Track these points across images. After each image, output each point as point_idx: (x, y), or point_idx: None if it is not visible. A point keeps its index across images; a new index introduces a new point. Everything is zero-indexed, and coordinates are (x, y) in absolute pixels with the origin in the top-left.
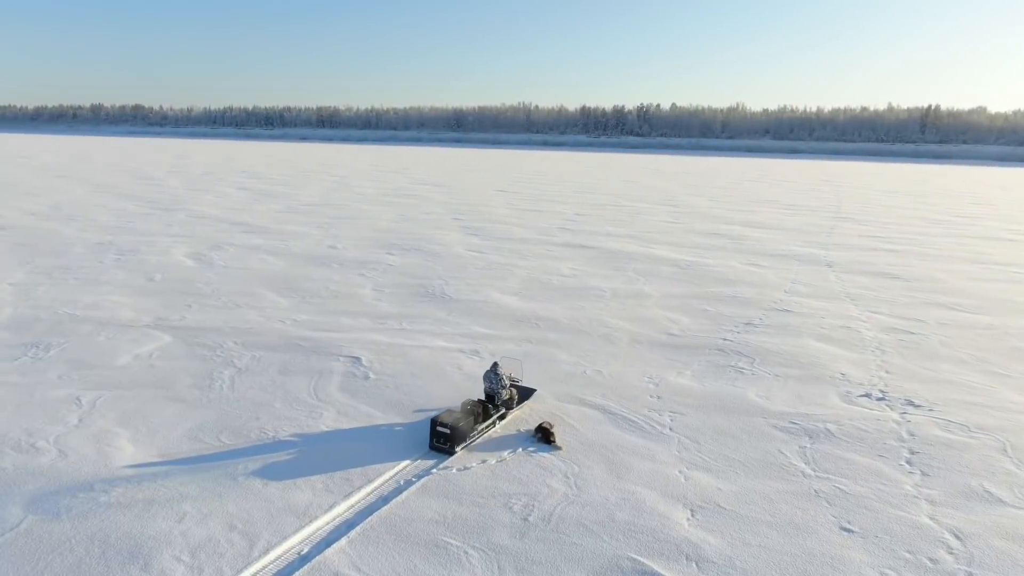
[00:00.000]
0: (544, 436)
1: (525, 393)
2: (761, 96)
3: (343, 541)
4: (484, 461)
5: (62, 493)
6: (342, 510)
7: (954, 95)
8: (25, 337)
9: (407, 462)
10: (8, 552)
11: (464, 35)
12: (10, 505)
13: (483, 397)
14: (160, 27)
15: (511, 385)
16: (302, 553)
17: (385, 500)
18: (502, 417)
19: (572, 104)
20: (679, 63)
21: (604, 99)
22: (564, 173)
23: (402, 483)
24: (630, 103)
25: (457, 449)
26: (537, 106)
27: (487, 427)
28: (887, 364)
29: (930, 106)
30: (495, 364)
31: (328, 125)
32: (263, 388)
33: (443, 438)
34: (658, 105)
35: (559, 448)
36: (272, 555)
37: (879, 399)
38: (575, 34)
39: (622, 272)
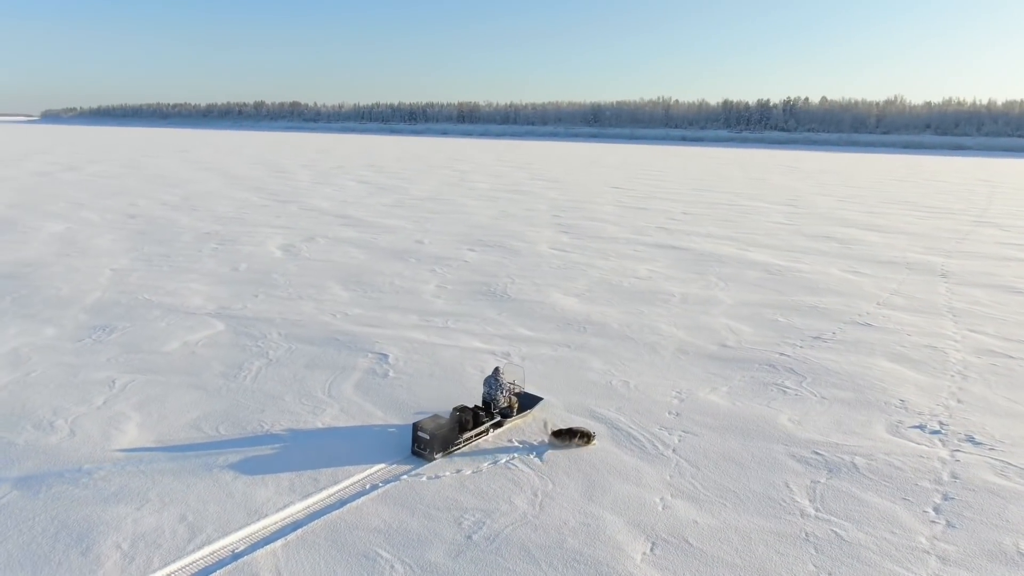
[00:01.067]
0: (567, 437)
1: (530, 401)
2: (923, 88)
3: (279, 543)
4: (459, 471)
5: (52, 472)
6: (296, 510)
7: None
8: (98, 320)
9: (382, 466)
10: None
11: (602, 30)
12: (1, 480)
13: (480, 403)
14: (316, 28)
15: (519, 392)
16: (236, 551)
17: (341, 504)
18: (498, 425)
19: (714, 98)
20: (829, 53)
21: (748, 92)
22: (690, 169)
23: (367, 487)
24: (775, 96)
25: (436, 456)
26: (677, 100)
27: (477, 435)
28: (962, 392)
29: None
30: (496, 369)
31: (468, 120)
32: (283, 381)
33: (422, 444)
34: (806, 98)
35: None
36: (205, 551)
37: (933, 432)
38: (717, 26)
39: (702, 276)
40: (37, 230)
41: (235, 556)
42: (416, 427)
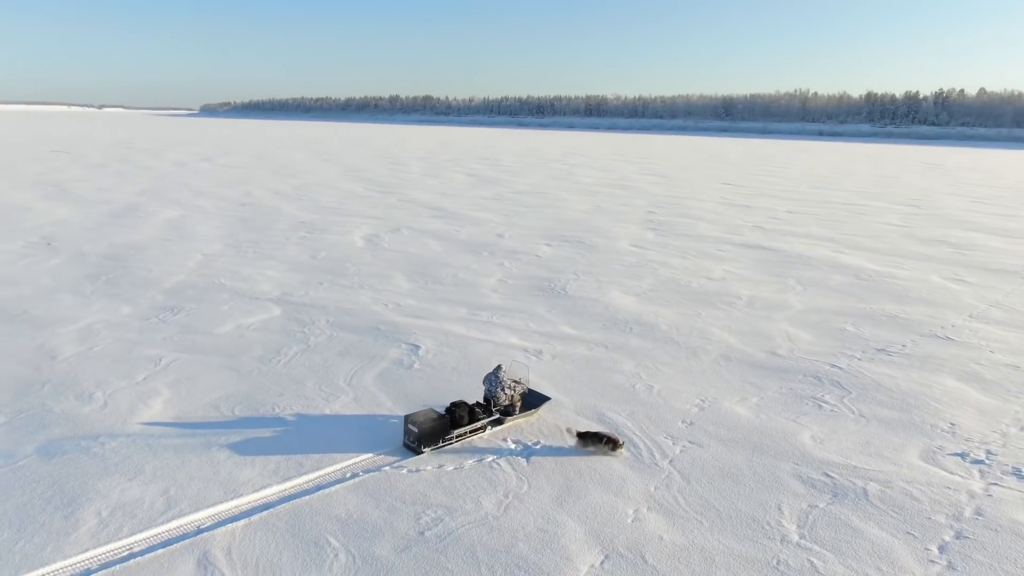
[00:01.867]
0: (592, 441)
1: (536, 400)
2: None
3: (241, 523)
4: (441, 466)
5: (71, 440)
6: (269, 493)
7: None
8: (171, 301)
9: (369, 456)
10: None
11: (735, 18)
12: (28, 443)
13: (481, 400)
14: (448, 21)
15: (525, 391)
16: (200, 527)
17: (315, 490)
18: (498, 423)
19: (856, 90)
20: (990, 41)
21: (894, 84)
22: (815, 166)
23: (346, 475)
24: (925, 88)
25: (424, 450)
26: (815, 93)
27: (473, 431)
28: None
29: None
30: (498, 367)
31: (595, 114)
32: (311, 367)
33: (411, 436)
34: (961, 90)
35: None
36: (172, 524)
37: (975, 462)
38: (859, 15)
39: (781, 279)
40: (153, 215)
41: (198, 531)
42: (407, 419)
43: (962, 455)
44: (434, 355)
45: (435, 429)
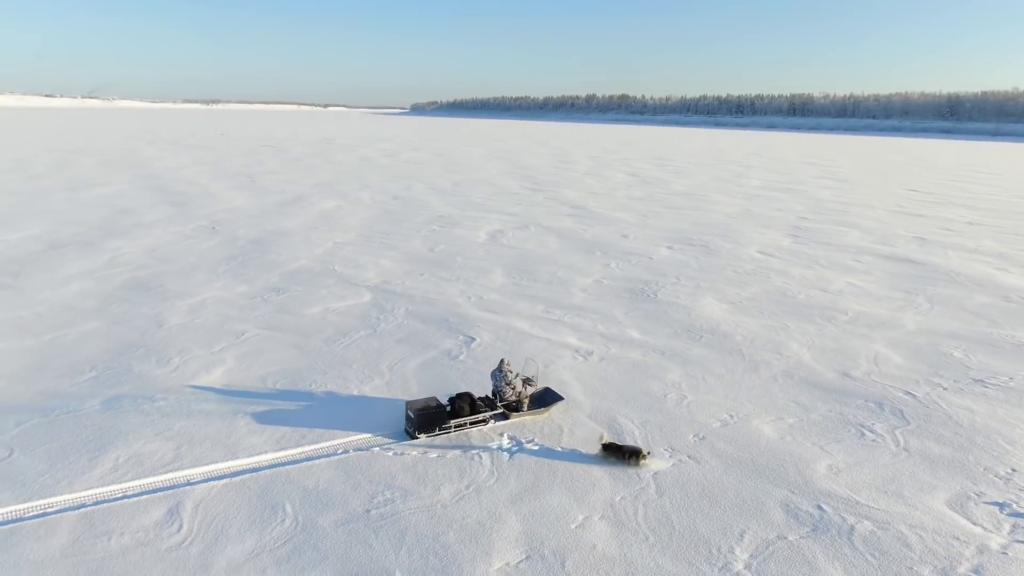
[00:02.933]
0: (616, 453)
1: (548, 400)
2: None
3: (223, 482)
4: (425, 452)
5: (132, 396)
6: (262, 459)
7: None
8: (282, 283)
9: (367, 436)
10: (61, 421)
11: (962, 5)
12: (98, 395)
13: (490, 394)
14: (646, 16)
15: (538, 390)
16: (189, 481)
17: (302, 461)
18: (504, 417)
19: None
20: None
21: None
22: None
23: (337, 451)
24: None
25: (419, 435)
26: None
27: (473, 423)
28: None
29: None
30: (501, 362)
31: (799, 113)
32: (366, 351)
33: (408, 422)
34: None
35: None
36: (167, 476)
37: (1014, 515)
38: None
39: (908, 296)
40: (312, 206)
41: (187, 484)
42: (407, 406)
43: (1001, 505)
44: (484, 349)
45: (431, 417)
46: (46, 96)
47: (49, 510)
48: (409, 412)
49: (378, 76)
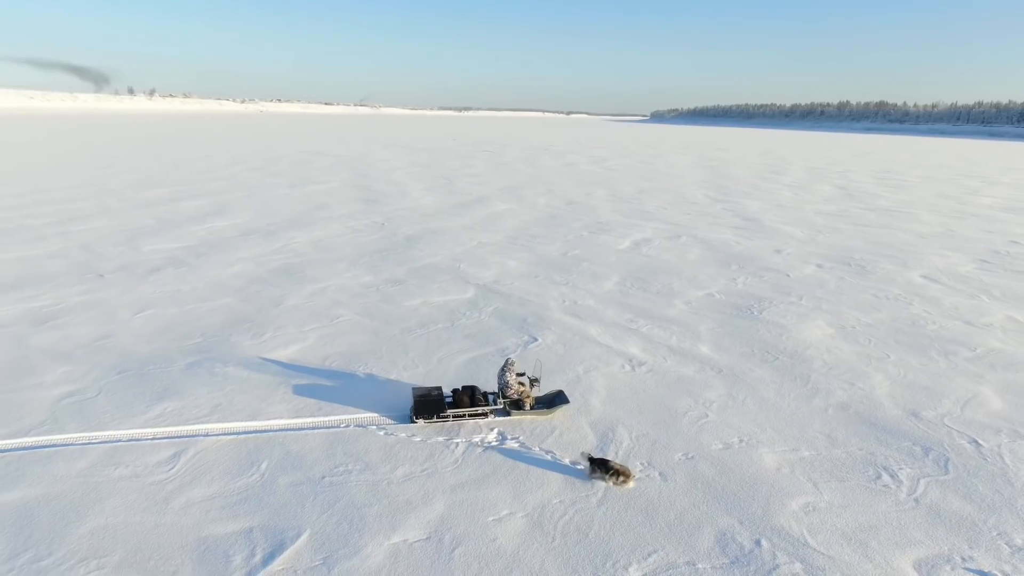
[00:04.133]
0: (600, 469)
1: (554, 402)
2: None
3: (228, 438)
4: (412, 435)
5: (215, 359)
6: (272, 424)
7: None
8: (405, 276)
9: (374, 415)
10: (148, 374)
11: None
12: (190, 358)
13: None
14: (911, 12)
15: (543, 395)
16: (207, 433)
17: (302, 429)
18: (505, 414)
19: None
20: None
21: None
22: None
23: (338, 425)
24: None
25: (417, 420)
26: None
27: (473, 415)
28: None
29: None
30: (506, 361)
31: None
32: (428, 342)
33: (411, 406)
34: None
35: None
36: (191, 427)
37: None
38: None
39: None
40: (487, 208)
41: (205, 436)
42: (413, 391)
43: (981, 575)
44: (539, 349)
45: (429, 404)
46: (325, 104)
47: (91, 441)
48: (413, 397)
49: (619, 83)
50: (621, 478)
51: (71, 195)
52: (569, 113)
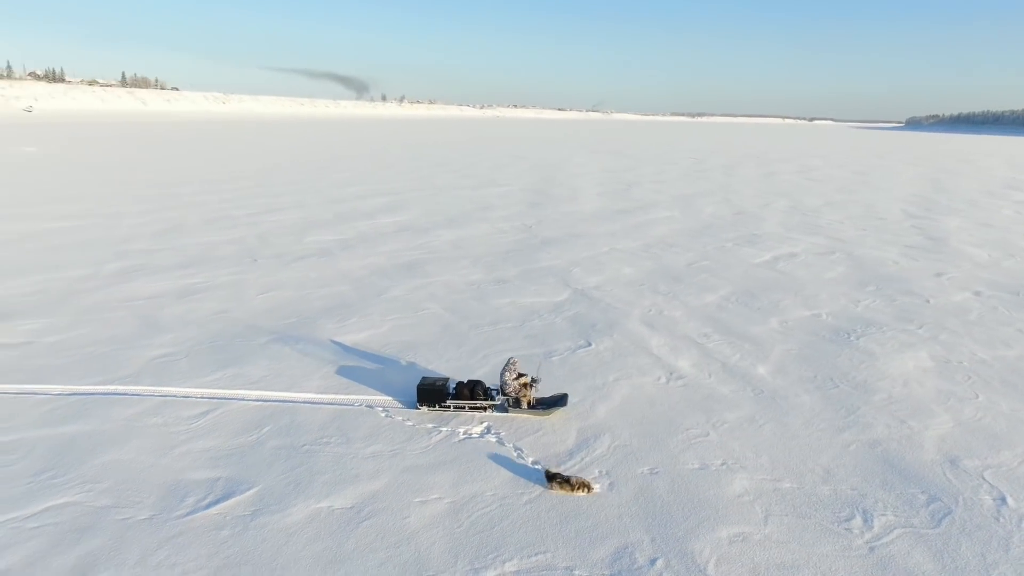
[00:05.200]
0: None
1: (549, 402)
2: None
3: (253, 403)
4: (407, 420)
5: (293, 336)
6: (296, 395)
7: None
8: (510, 272)
9: (388, 399)
10: (233, 344)
11: None
12: (275, 334)
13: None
14: None
15: (544, 398)
16: (244, 398)
17: (319, 404)
18: (503, 410)
19: None
20: None
21: None
22: None
23: (353, 404)
24: None
25: (420, 407)
26: None
27: (473, 408)
28: None
29: None
30: (508, 360)
31: None
32: (484, 337)
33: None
34: None
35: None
36: (234, 391)
37: None
38: None
39: None
40: (646, 215)
41: (240, 400)
42: (421, 380)
43: None
44: (587, 354)
45: (430, 393)
46: (558, 109)
47: (151, 394)
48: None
49: (870, 86)
50: (583, 489)
51: (279, 191)
52: (812, 119)
